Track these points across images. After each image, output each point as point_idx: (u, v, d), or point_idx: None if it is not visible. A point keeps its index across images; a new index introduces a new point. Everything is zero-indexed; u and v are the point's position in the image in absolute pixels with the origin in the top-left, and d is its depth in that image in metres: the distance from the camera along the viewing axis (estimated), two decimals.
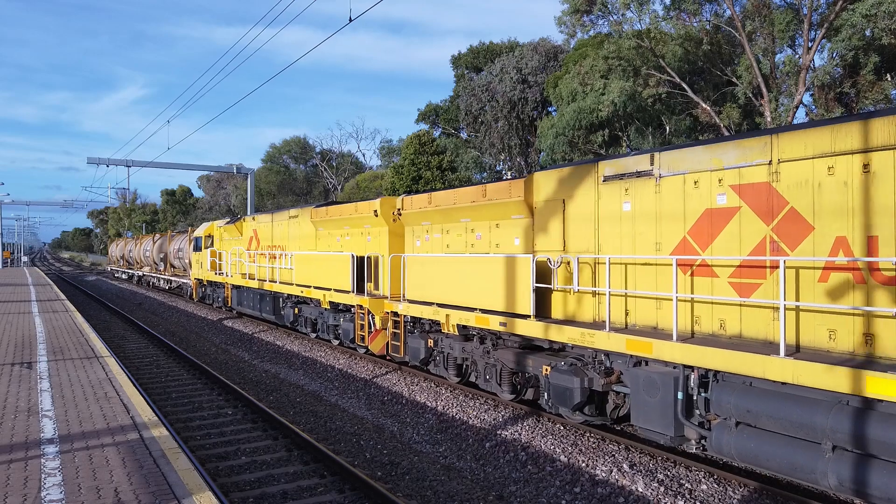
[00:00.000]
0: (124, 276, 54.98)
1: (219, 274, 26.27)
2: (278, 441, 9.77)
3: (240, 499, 7.59)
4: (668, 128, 34.21)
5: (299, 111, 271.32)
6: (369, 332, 14.79)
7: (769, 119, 27.58)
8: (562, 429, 9.95)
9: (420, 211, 13.57)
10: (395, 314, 13.92)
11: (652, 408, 8.07)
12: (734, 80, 30.56)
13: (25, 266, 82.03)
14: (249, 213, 34.26)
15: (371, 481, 7.66)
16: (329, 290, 16.50)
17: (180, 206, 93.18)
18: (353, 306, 15.50)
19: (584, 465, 8.56)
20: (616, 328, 8.87)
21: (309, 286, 17.74)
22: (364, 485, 7.65)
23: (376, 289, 15.44)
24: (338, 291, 16.05)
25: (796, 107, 27.11)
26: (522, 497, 7.86)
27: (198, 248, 29.30)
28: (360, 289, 15.56)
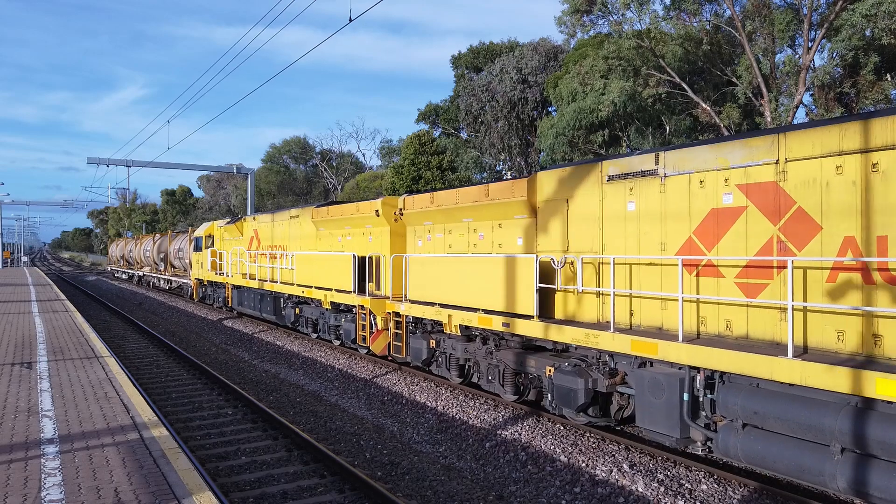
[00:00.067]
0: (124, 276, 55.00)
1: (219, 274, 26.27)
2: (278, 441, 9.77)
3: (240, 499, 7.59)
4: (668, 128, 34.20)
5: (299, 111, 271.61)
6: (371, 333, 14.78)
7: (769, 119, 27.57)
8: (562, 429, 9.95)
9: (422, 211, 13.54)
10: (396, 314, 13.91)
11: (657, 409, 8.01)
12: (734, 80, 30.56)
13: (25, 266, 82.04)
14: (249, 213, 34.26)
15: (371, 481, 7.66)
16: (330, 290, 16.49)
17: (180, 206, 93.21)
18: (355, 307, 15.48)
19: (584, 465, 8.55)
20: (620, 329, 8.83)
21: (310, 286, 17.73)
22: (364, 485, 7.65)
23: (378, 289, 15.43)
24: (339, 292, 16.03)
25: (796, 107, 27.10)
26: (522, 497, 7.86)
27: (198, 248, 29.30)
28: (361, 289, 15.55)
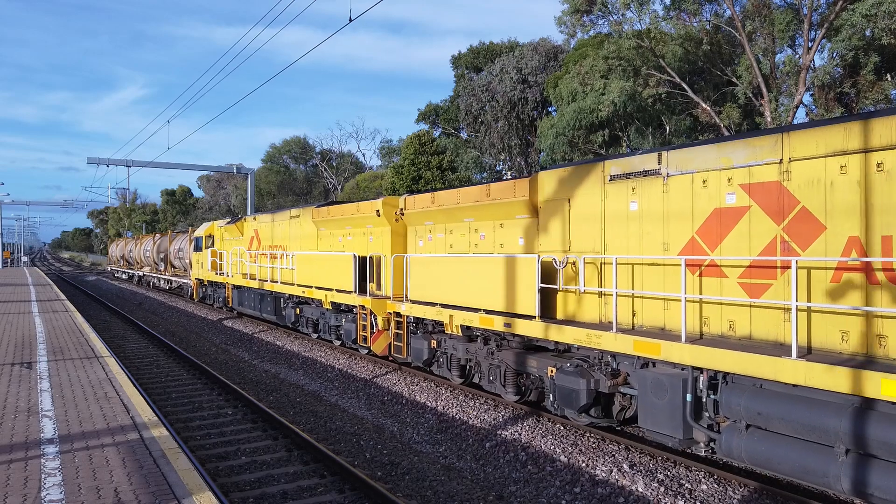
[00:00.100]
0: (124, 276, 55.00)
1: (219, 274, 26.26)
2: (278, 441, 9.77)
3: (240, 499, 7.59)
4: (668, 128, 34.20)
5: (299, 111, 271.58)
6: (372, 333, 14.76)
7: (769, 119, 27.57)
8: (562, 429, 9.95)
9: (423, 211, 13.52)
10: (397, 315, 13.88)
11: (660, 410, 7.97)
12: (734, 80, 30.56)
13: (25, 266, 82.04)
14: (249, 213, 34.25)
15: (371, 481, 7.66)
16: (331, 290, 16.47)
17: (180, 206, 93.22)
18: (356, 307, 15.47)
19: (584, 465, 8.55)
20: (623, 329, 8.78)
21: (310, 286, 17.71)
22: (364, 485, 7.65)
23: (378, 289, 15.40)
24: (340, 292, 16.02)
25: (796, 107, 27.10)
26: (522, 497, 7.86)
27: (198, 248, 29.29)
28: (362, 289, 15.53)
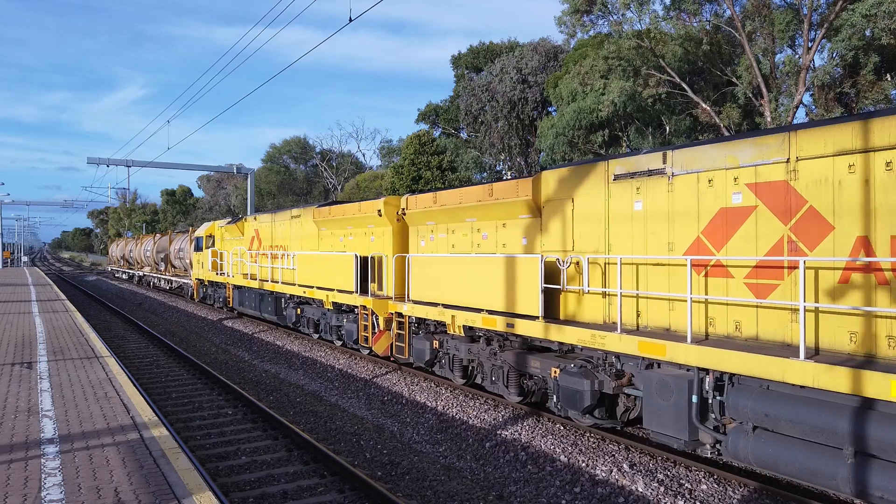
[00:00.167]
0: (124, 276, 55.00)
1: (220, 274, 26.26)
2: (278, 441, 9.78)
3: (240, 499, 7.60)
4: (668, 128, 34.20)
5: (299, 111, 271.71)
6: (373, 333, 14.74)
7: (769, 119, 27.58)
8: (562, 429, 9.95)
9: (425, 210, 13.45)
10: (399, 315, 13.84)
11: (665, 411, 7.91)
12: (734, 80, 30.57)
13: (25, 266, 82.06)
14: (249, 213, 34.26)
15: (371, 481, 7.66)
16: (332, 290, 16.45)
17: (180, 206, 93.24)
18: (357, 307, 15.44)
19: (584, 465, 8.56)
20: (627, 330, 8.71)
21: (311, 286, 17.70)
22: (364, 485, 7.66)
23: (380, 289, 15.35)
24: (341, 292, 15.99)
25: (796, 107, 27.10)
26: (522, 497, 7.86)
27: (199, 248, 29.28)
28: (363, 289, 15.48)
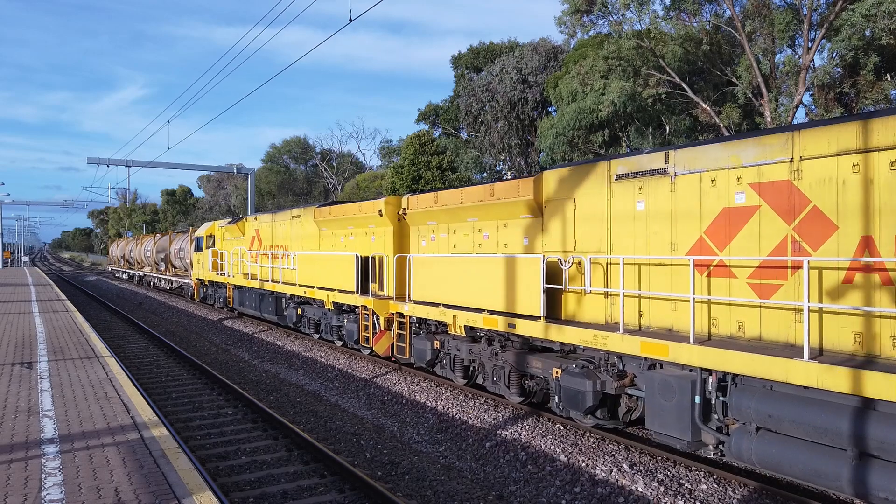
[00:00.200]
0: (125, 276, 55.01)
1: (220, 274, 26.25)
2: (278, 441, 9.79)
3: (240, 498, 7.60)
4: (668, 128, 34.20)
5: (299, 111, 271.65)
6: (374, 334, 14.72)
7: (769, 119, 27.58)
8: (561, 429, 9.96)
9: (426, 210, 13.42)
10: (400, 315, 13.82)
11: (668, 412, 7.87)
12: (734, 80, 30.56)
13: (26, 266, 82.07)
14: (250, 212, 34.25)
15: (371, 481, 7.67)
16: (333, 290, 16.44)
17: (180, 206, 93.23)
18: (358, 307, 15.43)
19: (583, 464, 8.56)
20: (630, 330, 8.68)
21: (312, 286, 17.68)
22: (364, 484, 7.67)
23: (381, 289, 15.32)
24: (342, 292, 15.98)
25: (796, 107, 27.10)
26: (522, 497, 7.87)
27: (199, 248, 29.27)
28: (364, 289, 15.45)
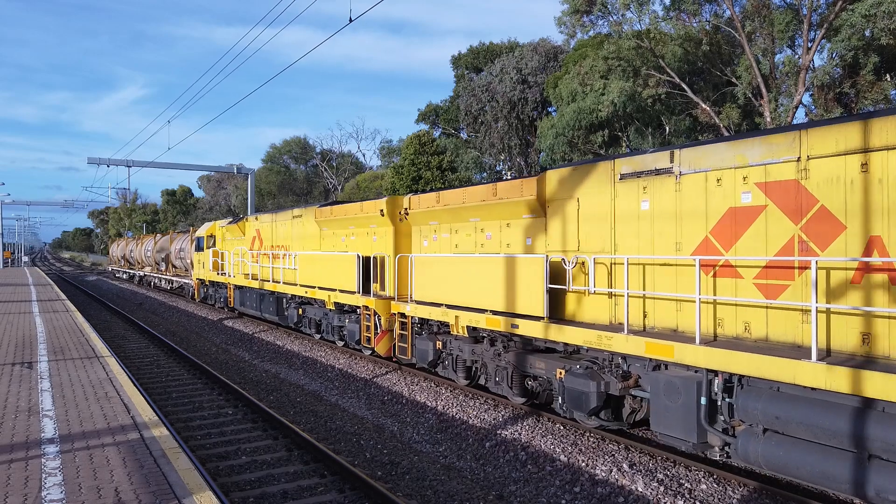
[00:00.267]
0: (125, 276, 55.03)
1: (221, 274, 26.23)
2: (278, 441, 9.79)
3: (240, 498, 7.61)
4: (667, 128, 34.21)
5: (299, 111, 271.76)
6: (375, 334, 14.70)
7: (769, 119, 27.59)
8: (561, 428, 9.96)
9: (428, 210, 13.37)
10: (402, 315, 13.78)
11: (673, 413, 7.81)
12: (734, 80, 30.57)
13: (26, 266, 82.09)
14: (250, 213, 34.25)
15: (371, 481, 7.68)
16: (334, 290, 16.43)
17: (181, 207, 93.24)
18: (359, 307, 15.41)
19: (583, 464, 8.57)
20: (634, 330, 8.62)
21: (313, 287, 17.67)
22: (364, 484, 7.67)
23: (382, 290, 15.30)
24: (343, 292, 15.96)
25: (796, 107, 27.11)
26: (522, 496, 7.88)
27: (200, 248, 29.27)
28: (365, 289, 15.43)
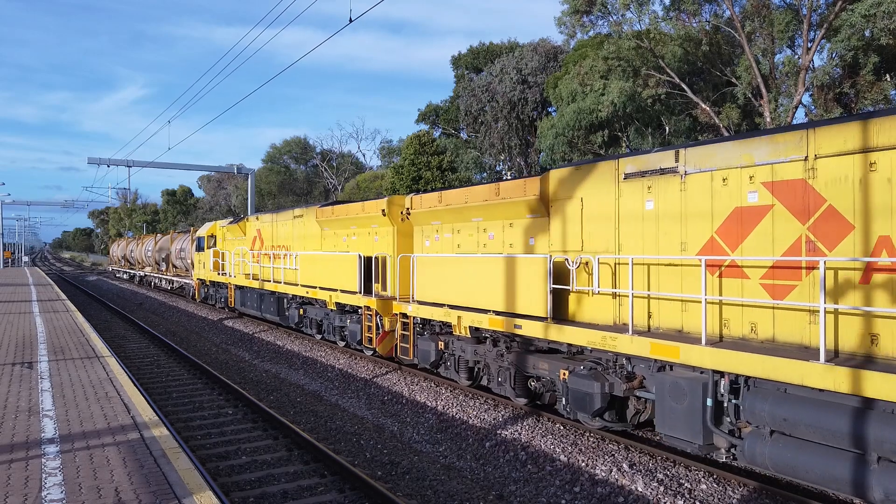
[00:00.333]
0: (125, 276, 55.04)
1: (222, 274, 26.20)
2: (279, 441, 9.80)
3: (240, 498, 7.62)
4: (667, 128, 34.22)
5: (299, 111, 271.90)
6: (377, 334, 14.69)
7: (769, 119, 27.59)
8: (561, 428, 9.97)
9: (430, 210, 13.32)
10: (403, 316, 13.73)
11: (679, 415, 7.76)
12: (734, 80, 30.56)
13: (26, 266, 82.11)
14: (250, 213, 34.25)
15: (371, 481, 7.68)
16: (335, 290, 16.40)
17: (181, 207, 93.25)
18: (361, 307, 15.38)
19: (583, 464, 8.58)
20: (638, 331, 8.53)
21: (314, 287, 17.64)
22: (364, 484, 7.68)
23: (384, 290, 15.27)
24: (344, 292, 15.94)
25: (795, 107, 27.12)
26: (522, 496, 7.88)
27: (200, 249, 29.25)
28: (367, 290, 15.40)
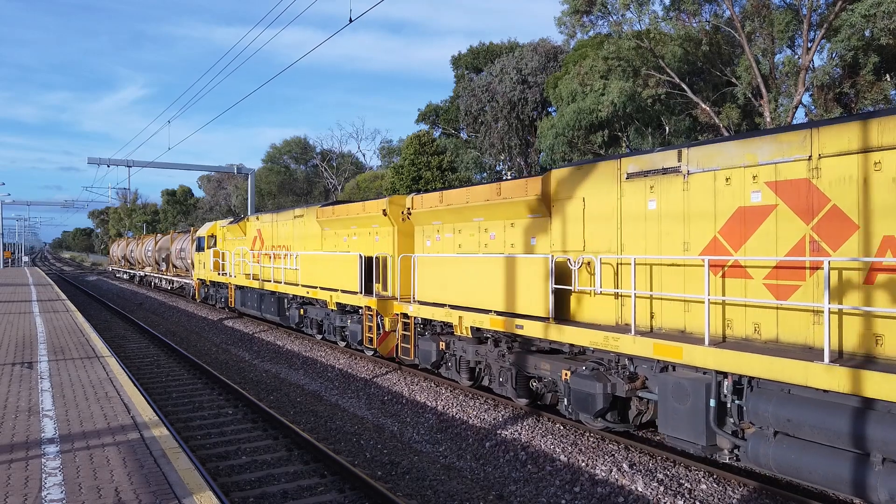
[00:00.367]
0: (125, 276, 55.04)
1: (222, 274, 26.19)
2: (279, 441, 9.80)
3: (240, 498, 7.62)
4: (667, 128, 34.22)
5: (299, 111, 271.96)
6: (378, 334, 14.68)
7: (769, 119, 27.60)
8: (561, 428, 9.97)
9: (431, 210, 13.29)
10: (404, 316, 13.72)
11: (681, 415, 7.73)
12: (734, 80, 30.56)
13: (26, 266, 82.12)
14: (250, 213, 34.24)
15: (371, 481, 7.68)
16: (336, 290, 16.39)
17: (181, 207, 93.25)
18: (361, 308, 15.38)
19: (583, 464, 8.58)
20: (641, 331, 8.52)
21: (315, 287, 17.63)
22: (364, 484, 7.68)
23: (385, 290, 15.26)
24: (345, 292, 15.93)
25: (795, 107, 27.12)
26: (522, 496, 7.88)
27: (200, 249, 29.24)
28: (368, 290, 15.38)
